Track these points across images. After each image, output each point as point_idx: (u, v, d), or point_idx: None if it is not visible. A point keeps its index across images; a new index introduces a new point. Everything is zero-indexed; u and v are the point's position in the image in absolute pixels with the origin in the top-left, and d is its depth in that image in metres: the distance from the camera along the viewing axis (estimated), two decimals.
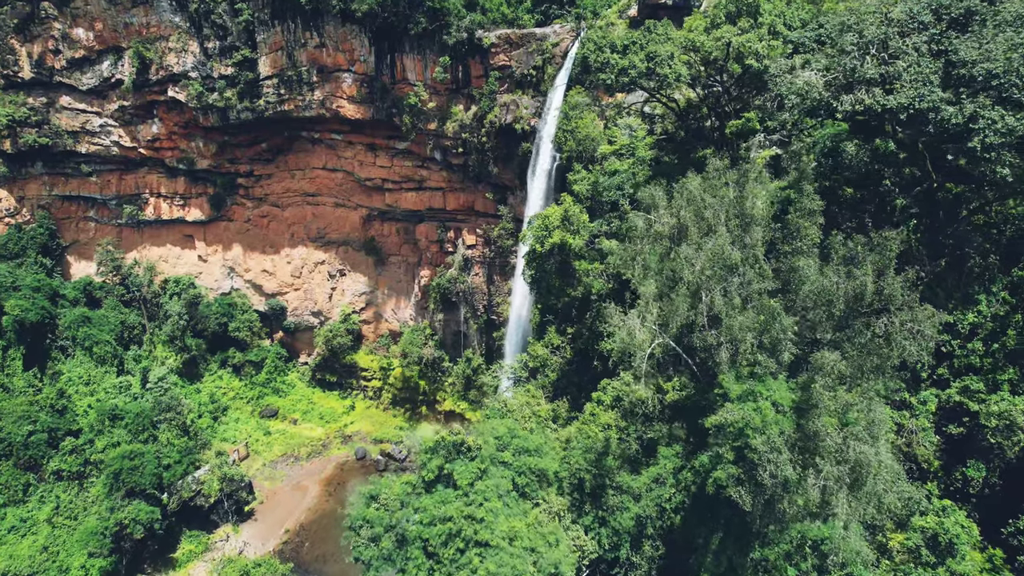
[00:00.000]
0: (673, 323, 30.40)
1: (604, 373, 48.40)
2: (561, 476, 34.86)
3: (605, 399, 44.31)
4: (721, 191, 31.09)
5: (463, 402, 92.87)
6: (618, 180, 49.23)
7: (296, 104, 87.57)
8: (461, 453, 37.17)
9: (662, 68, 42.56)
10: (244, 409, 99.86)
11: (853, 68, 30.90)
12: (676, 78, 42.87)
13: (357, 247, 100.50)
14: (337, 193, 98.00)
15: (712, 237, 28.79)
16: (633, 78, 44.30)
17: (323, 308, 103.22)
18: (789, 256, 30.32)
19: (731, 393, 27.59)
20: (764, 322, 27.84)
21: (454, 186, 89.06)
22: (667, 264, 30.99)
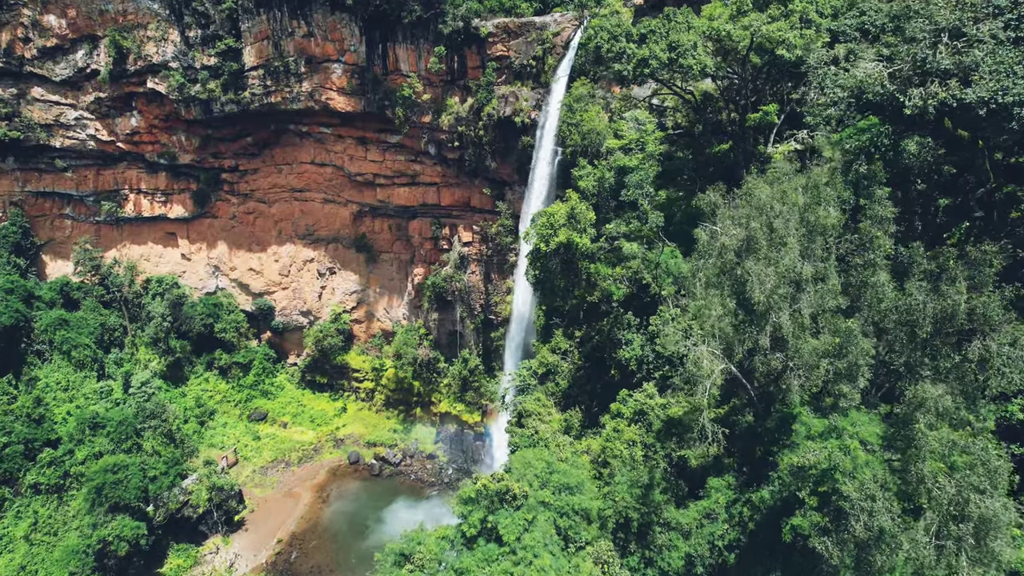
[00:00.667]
0: (739, 348, 27.40)
1: (622, 382, 45.51)
2: (605, 514, 31.68)
3: (625, 412, 41.42)
4: (791, 197, 28.03)
5: (459, 404, 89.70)
6: (637, 178, 46.11)
7: (283, 96, 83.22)
8: (505, 502, 32.66)
9: (686, 59, 39.44)
10: (232, 413, 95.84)
11: (924, 58, 27.99)
12: (701, 69, 39.77)
13: (347, 244, 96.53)
14: (326, 188, 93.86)
15: (782, 250, 25.79)
16: (655, 69, 41.16)
17: (312, 307, 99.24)
18: (860, 269, 27.40)
19: (812, 429, 24.70)
20: (839, 345, 24.96)
21: (449, 181, 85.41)
22: (726, 280, 27.85)
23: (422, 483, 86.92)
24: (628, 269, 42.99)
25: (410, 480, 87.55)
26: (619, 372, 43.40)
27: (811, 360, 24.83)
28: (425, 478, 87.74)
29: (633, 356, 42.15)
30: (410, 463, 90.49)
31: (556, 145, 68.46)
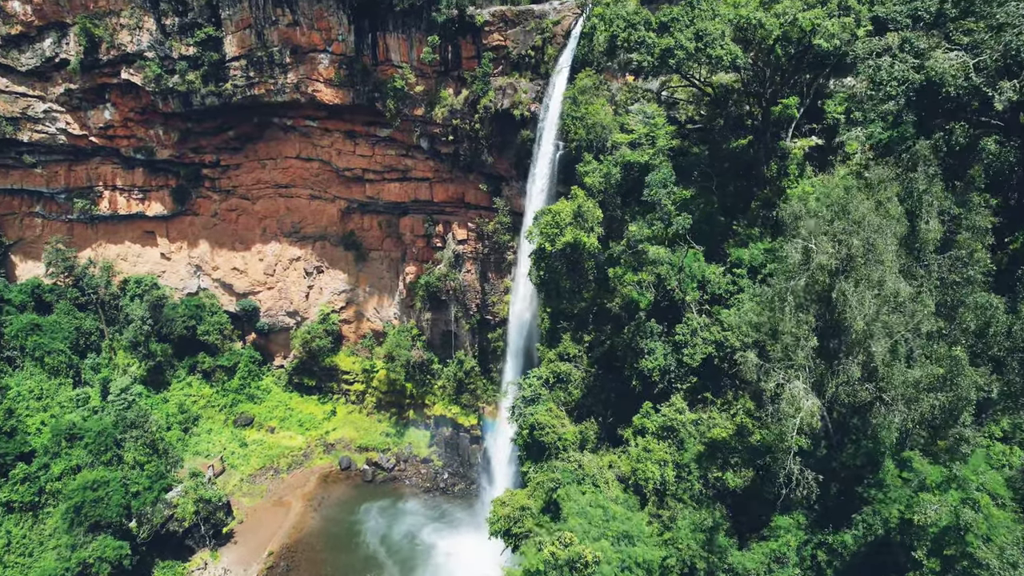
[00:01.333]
0: (831, 382, 24.49)
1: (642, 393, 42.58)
2: (669, 564, 28.53)
3: (650, 426, 38.50)
4: (890, 209, 24.97)
5: (455, 406, 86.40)
6: (660, 176, 42.92)
7: (267, 88, 78.71)
8: (575, 571, 28.74)
9: (715, 49, 36.32)
10: (217, 418, 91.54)
11: (1018, 48, 25.19)
12: (732, 61, 36.70)
13: (335, 242, 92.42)
14: (313, 184, 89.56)
15: (879, 268, 22.84)
16: (680, 60, 37.97)
17: (299, 308, 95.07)
18: (956, 287, 24.61)
19: (927, 478, 21.85)
20: (943, 377, 22.16)
21: (442, 176, 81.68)
22: (812, 302, 24.75)
23: (417, 489, 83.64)
24: (655, 275, 39.86)
25: (405, 486, 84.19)
26: (640, 383, 40.44)
27: (908, 393, 22.04)
28: (420, 484, 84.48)
29: (656, 366, 39.22)
30: (404, 468, 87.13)
31: (558, 139, 65.20)
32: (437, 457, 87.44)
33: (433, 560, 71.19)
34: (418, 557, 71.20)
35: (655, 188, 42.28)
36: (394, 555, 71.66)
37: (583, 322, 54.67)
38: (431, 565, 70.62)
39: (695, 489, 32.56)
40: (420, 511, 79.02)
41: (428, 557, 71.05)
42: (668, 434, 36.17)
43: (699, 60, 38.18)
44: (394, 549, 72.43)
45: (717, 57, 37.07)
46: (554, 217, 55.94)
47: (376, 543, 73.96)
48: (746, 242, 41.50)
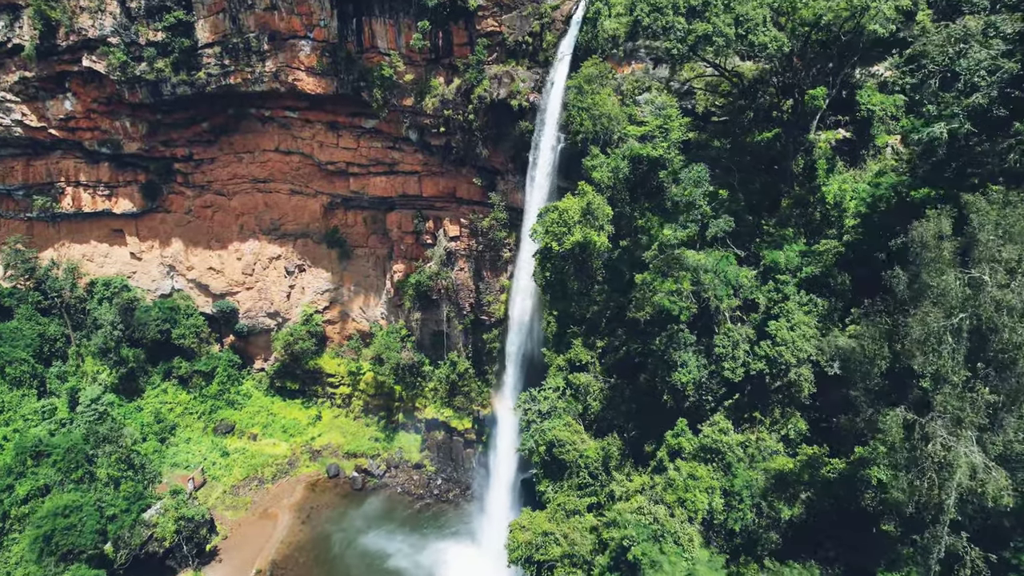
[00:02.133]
0: (998, 439, 21.22)
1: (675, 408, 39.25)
2: None
3: (687, 446, 35.14)
4: None
5: (447, 409, 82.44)
6: (695, 174, 39.28)
7: (244, 77, 73.05)
8: None
9: (757, 36, 32.77)
10: (195, 426, 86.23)
11: None
12: (779, 48, 33.19)
13: (318, 239, 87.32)
14: (293, 179, 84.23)
15: None
16: (720, 47, 34.33)
17: (280, 308, 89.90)
18: None
19: None
20: None
21: (432, 170, 77.12)
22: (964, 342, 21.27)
23: (410, 496, 79.68)
24: (697, 284, 36.17)
25: (396, 493, 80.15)
26: (672, 397, 37.05)
27: None
28: (413, 491, 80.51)
29: (690, 380, 35.88)
30: (395, 474, 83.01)
31: (559, 131, 61.32)
32: (429, 462, 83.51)
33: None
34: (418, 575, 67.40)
35: (688, 187, 38.67)
36: (391, 573, 67.72)
37: (594, 326, 51.19)
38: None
39: (747, 519, 29.43)
40: (415, 521, 75.14)
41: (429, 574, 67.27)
42: (711, 456, 32.94)
43: (737, 48, 34.60)
44: (390, 566, 68.46)
45: (761, 45, 33.56)
46: (561, 215, 52.36)
47: (370, 558, 69.92)
48: (780, 243, 38.26)
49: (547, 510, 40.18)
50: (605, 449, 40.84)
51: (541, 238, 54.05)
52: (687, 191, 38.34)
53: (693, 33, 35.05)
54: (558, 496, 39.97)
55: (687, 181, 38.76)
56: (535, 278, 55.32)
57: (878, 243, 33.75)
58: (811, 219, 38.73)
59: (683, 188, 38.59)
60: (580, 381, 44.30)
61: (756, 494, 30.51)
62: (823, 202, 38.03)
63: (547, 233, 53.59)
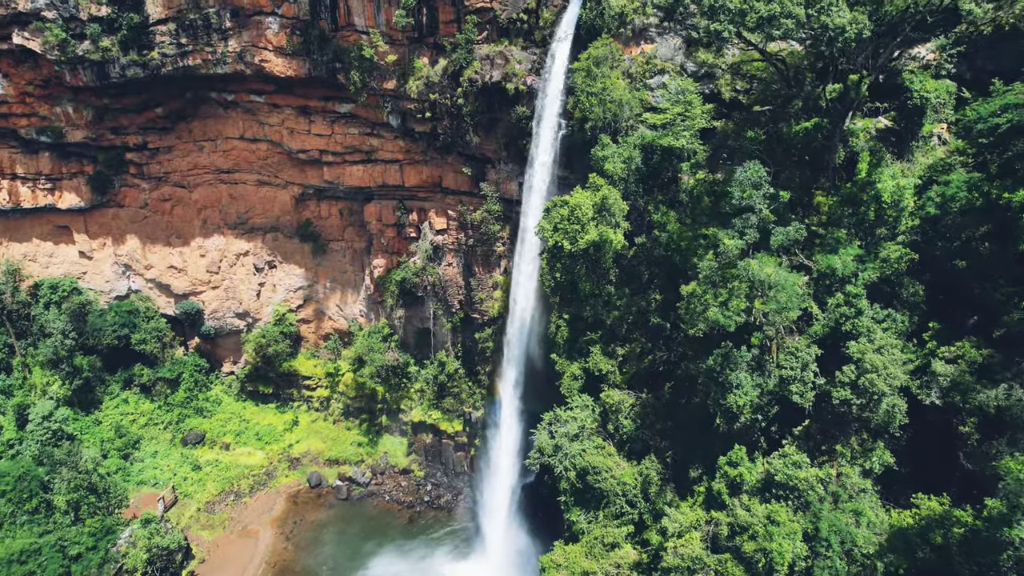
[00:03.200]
0: None
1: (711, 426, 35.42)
2: None
3: (748, 477, 31.36)
4: None
5: (436, 411, 77.55)
6: (752, 173, 34.90)
7: (204, 58, 65.45)
8: None
9: (832, 17, 28.45)
10: (162, 438, 79.28)
11: None
12: (858, 32, 28.96)
13: (289, 233, 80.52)
14: (260, 169, 77.00)
15: None
16: (789, 30, 29.90)
17: (250, 308, 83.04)
18: None
19: None
20: None
21: (415, 158, 71.14)
22: None
23: (399, 505, 74.92)
24: (756, 297, 31.96)
25: (384, 502, 75.26)
26: (724, 420, 33.18)
27: None
28: (402, 498, 75.74)
29: (747, 402, 32.04)
30: (381, 481, 78.02)
31: (560, 117, 56.32)
32: (418, 467, 78.81)
33: None
34: None
35: (747, 189, 34.35)
36: None
37: (613, 333, 46.98)
38: None
39: (838, 569, 25.95)
40: (407, 533, 70.49)
41: None
42: (785, 494, 29.24)
43: (813, 31, 30.19)
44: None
45: (837, 27, 29.22)
46: (573, 211, 47.65)
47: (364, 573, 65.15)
48: (834, 247, 34.49)
49: (582, 543, 36.23)
50: (643, 474, 37.00)
51: (549, 236, 49.35)
52: (745, 193, 34.10)
53: (755, 13, 30.57)
54: (593, 528, 36.05)
55: (743, 182, 34.44)
56: (543, 279, 50.67)
57: (957, 249, 30.40)
58: (863, 219, 35.05)
59: (741, 190, 34.27)
60: (613, 400, 40.12)
61: (847, 540, 27.07)
62: (879, 200, 34.34)
63: (556, 231, 48.94)
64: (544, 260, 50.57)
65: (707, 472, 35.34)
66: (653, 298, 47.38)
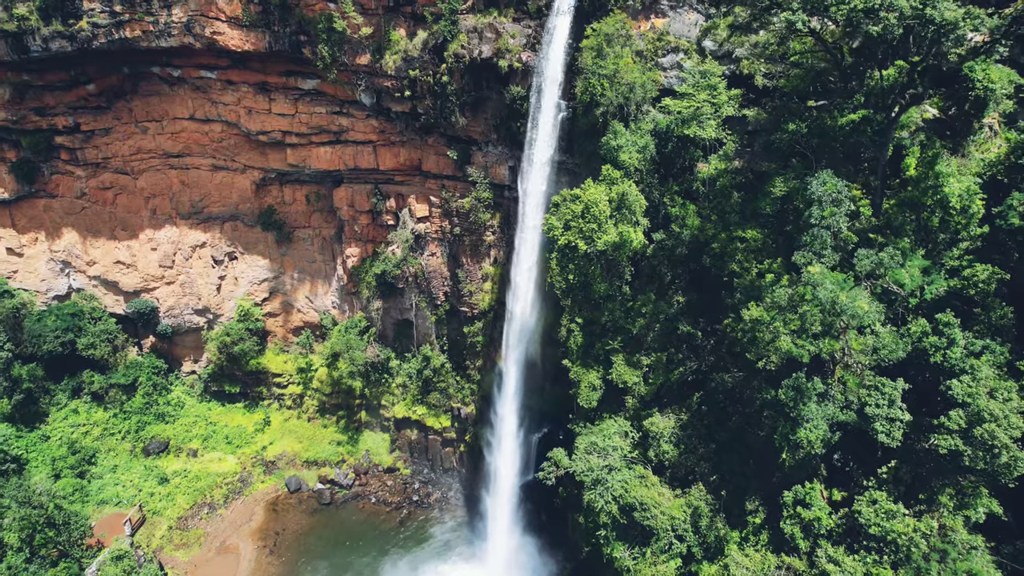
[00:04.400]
0: None
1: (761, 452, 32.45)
2: None
3: (825, 520, 28.52)
4: None
5: (421, 407, 73.07)
6: (831, 187, 30.69)
7: (144, 29, 56.73)
8: None
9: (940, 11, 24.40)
10: (120, 449, 72.27)
11: None
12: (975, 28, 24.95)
13: (250, 221, 73.05)
14: (215, 152, 68.83)
15: None
16: (889, 27, 25.58)
17: (210, 303, 75.72)
18: None
19: None
20: None
21: (390, 139, 64.59)
22: None
23: (387, 506, 70.81)
24: (833, 323, 28.37)
25: (371, 504, 70.99)
26: (790, 452, 30.13)
27: None
28: (389, 499, 71.61)
29: (819, 438, 28.97)
30: (365, 481, 73.56)
31: (561, 98, 51.07)
32: (403, 464, 74.63)
33: None
34: None
35: (827, 206, 30.25)
36: None
37: (638, 341, 43.27)
38: None
39: None
40: (400, 537, 66.70)
41: None
42: (878, 546, 26.49)
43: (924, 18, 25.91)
44: None
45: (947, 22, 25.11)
46: (588, 208, 43.19)
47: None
48: (899, 260, 31.19)
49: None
50: (692, 506, 34.00)
51: (559, 234, 44.85)
52: (826, 211, 30.08)
53: (846, 5, 26.03)
54: (642, 568, 32.98)
55: (822, 198, 30.30)
56: (554, 282, 46.28)
57: None
58: (926, 226, 31.93)
59: (820, 207, 30.14)
60: (657, 428, 36.57)
61: None
62: (945, 205, 31.17)
63: (568, 229, 44.50)
64: (554, 260, 46.10)
65: (764, 503, 32.61)
66: (676, 300, 43.83)
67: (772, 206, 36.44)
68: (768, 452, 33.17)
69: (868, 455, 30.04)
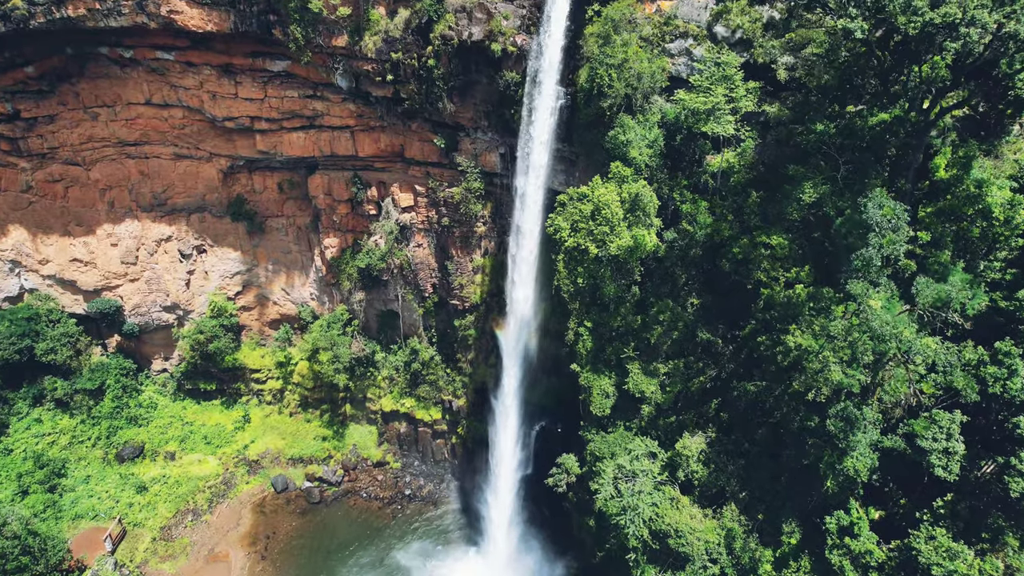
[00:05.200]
0: None
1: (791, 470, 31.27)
2: None
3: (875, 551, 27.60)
4: None
5: (409, 399, 70.69)
6: (888, 212, 28.43)
7: (89, 7, 50.46)
8: None
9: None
10: (92, 457, 68.10)
11: None
12: None
13: (219, 212, 67.96)
14: (177, 140, 63.13)
15: None
16: (970, 42, 23.21)
17: (180, 299, 70.94)
18: None
19: None
20: None
21: (370, 124, 60.09)
22: None
23: (379, 502, 68.96)
24: (885, 351, 26.59)
25: (362, 500, 69.04)
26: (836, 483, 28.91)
27: None
28: (380, 494, 69.72)
29: (866, 467, 27.81)
30: (355, 477, 71.36)
31: (559, 85, 47.64)
32: (393, 457, 72.54)
33: None
34: None
35: (886, 232, 28.02)
36: None
37: (653, 349, 41.42)
38: None
39: None
40: (397, 532, 65.11)
41: None
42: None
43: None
44: None
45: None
46: (599, 209, 40.61)
47: None
48: (942, 275, 29.66)
49: None
50: (726, 529, 32.88)
51: (566, 236, 42.24)
52: (886, 239, 27.95)
53: (920, 17, 23.42)
54: None
55: (880, 224, 28.01)
56: (561, 285, 43.87)
57: None
58: (965, 235, 30.47)
59: (879, 235, 27.89)
60: (690, 452, 34.96)
61: None
62: (987, 215, 29.69)
63: (576, 231, 41.91)
64: (561, 263, 43.60)
65: (800, 523, 31.67)
66: (691, 302, 42.02)
67: (799, 211, 34.46)
68: (800, 470, 32.12)
69: (905, 472, 29.14)
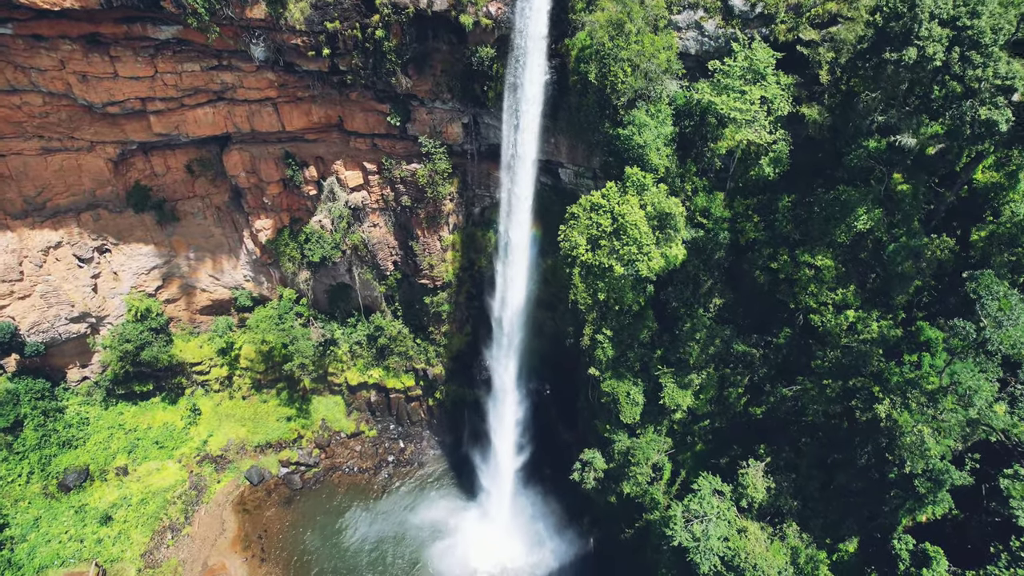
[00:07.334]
0: None
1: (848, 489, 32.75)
2: None
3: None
4: None
5: (377, 369, 66.81)
6: (1005, 304, 26.25)
7: None
8: None
9: None
10: (30, 494, 60.06)
11: None
12: None
13: (117, 206, 55.68)
14: (40, 130, 49.02)
15: None
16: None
17: (89, 307, 59.84)
18: None
19: None
20: None
21: (297, 95, 49.27)
22: None
23: (364, 473, 67.32)
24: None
25: (347, 475, 67.07)
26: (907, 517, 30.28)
27: None
28: (363, 466, 67.91)
29: (943, 511, 29.15)
30: (332, 452, 68.59)
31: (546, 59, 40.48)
32: (367, 426, 69.91)
33: None
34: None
35: (1006, 328, 25.67)
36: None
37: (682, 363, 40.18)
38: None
39: None
40: (393, 500, 64.30)
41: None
42: None
43: None
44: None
45: None
46: (623, 227, 36.95)
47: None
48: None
49: None
50: (790, 548, 34.35)
51: (582, 252, 38.31)
52: (1001, 304, 25.46)
53: (1003, 34, 20.08)
54: None
55: (995, 293, 25.66)
56: (577, 298, 40.65)
57: None
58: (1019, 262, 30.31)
59: (999, 328, 25.69)
60: (756, 489, 34.81)
61: None
62: None
63: (596, 247, 38.02)
64: (577, 277, 39.99)
65: (865, 540, 33.64)
66: (713, 302, 40.58)
67: (848, 235, 32.72)
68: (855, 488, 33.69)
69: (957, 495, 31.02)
